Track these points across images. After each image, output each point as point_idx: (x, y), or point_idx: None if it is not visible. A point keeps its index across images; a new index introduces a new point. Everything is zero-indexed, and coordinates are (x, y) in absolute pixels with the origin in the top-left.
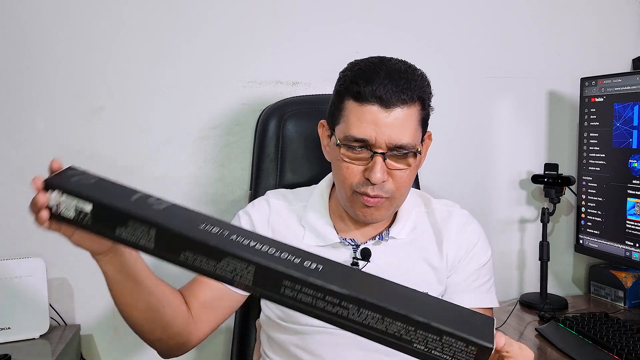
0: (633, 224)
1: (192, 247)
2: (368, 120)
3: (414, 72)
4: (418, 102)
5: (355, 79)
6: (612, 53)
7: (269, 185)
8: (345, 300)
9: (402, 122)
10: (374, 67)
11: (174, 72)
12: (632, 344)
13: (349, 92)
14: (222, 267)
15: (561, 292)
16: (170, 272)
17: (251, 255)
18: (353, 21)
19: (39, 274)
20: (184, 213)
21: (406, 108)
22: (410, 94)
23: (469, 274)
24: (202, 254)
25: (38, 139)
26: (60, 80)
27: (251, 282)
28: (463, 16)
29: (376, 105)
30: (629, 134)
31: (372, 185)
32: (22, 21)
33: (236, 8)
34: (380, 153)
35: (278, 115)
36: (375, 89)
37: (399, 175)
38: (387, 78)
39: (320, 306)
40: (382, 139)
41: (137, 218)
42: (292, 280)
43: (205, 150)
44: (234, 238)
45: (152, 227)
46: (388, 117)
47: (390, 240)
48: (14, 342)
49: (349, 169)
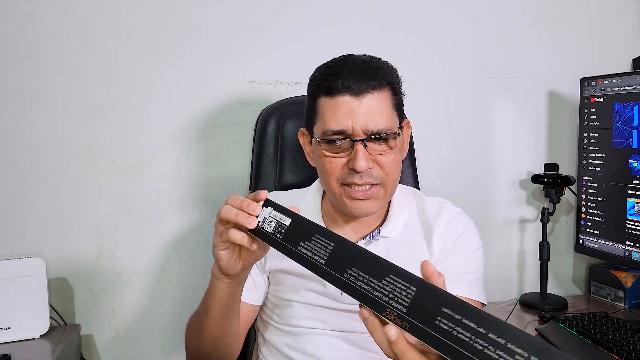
0: (633, 224)
1: (360, 262)
2: (343, 111)
3: (379, 61)
4: (388, 87)
5: (324, 76)
6: (612, 53)
7: (268, 186)
8: (509, 350)
9: (376, 108)
10: (341, 62)
11: (174, 72)
12: (632, 344)
13: (320, 90)
14: (382, 288)
15: (561, 292)
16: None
17: (414, 275)
18: (353, 21)
19: (39, 274)
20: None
21: (377, 93)
22: (378, 79)
23: (454, 263)
24: (367, 271)
25: (38, 139)
26: (60, 80)
27: (406, 307)
28: (463, 16)
29: (347, 95)
30: (629, 134)
31: (359, 174)
32: (22, 21)
33: (236, 8)
34: (360, 140)
35: (278, 115)
36: (344, 80)
37: (384, 161)
38: (354, 69)
39: (479, 347)
40: (359, 126)
41: (324, 233)
42: (454, 310)
43: (205, 150)
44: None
45: (332, 242)
46: (361, 104)
47: (382, 240)
48: (14, 342)
49: (332, 163)
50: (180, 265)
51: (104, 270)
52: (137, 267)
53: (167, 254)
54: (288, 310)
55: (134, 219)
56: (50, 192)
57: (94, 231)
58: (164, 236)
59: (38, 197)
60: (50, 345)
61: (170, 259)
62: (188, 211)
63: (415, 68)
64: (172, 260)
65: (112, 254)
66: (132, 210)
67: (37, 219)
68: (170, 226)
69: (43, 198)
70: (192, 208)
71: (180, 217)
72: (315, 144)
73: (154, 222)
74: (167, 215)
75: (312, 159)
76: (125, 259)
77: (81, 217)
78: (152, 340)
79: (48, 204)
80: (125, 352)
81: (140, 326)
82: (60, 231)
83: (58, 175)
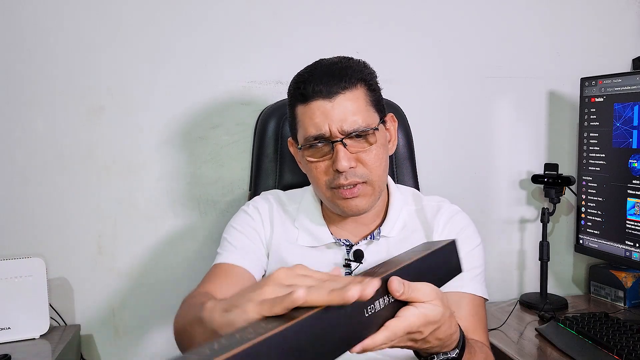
0: (633, 224)
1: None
2: (317, 115)
3: (349, 60)
4: (360, 84)
5: (296, 85)
6: (612, 53)
7: (268, 186)
8: None
9: (349, 107)
10: (311, 69)
11: (174, 72)
12: (632, 344)
13: (295, 99)
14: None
15: (561, 292)
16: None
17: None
18: (353, 21)
19: (39, 274)
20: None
21: (348, 92)
22: (348, 79)
23: None
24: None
25: (38, 139)
26: (60, 80)
27: None
28: (463, 16)
29: (320, 99)
30: (629, 134)
31: (343, 174)
32: (22, 21)
33: (236, 8)
34: (339, 141)
35: (278, 116)
36: (314, 85)
37: (366, 158)
38: (323, 72)
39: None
40: (335, 127)
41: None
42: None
43: (205, 150)
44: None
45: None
46: (333, 106)
47: (382, 239)
48: (14, 342)
49: (317, 168)
50: (180, 265)
51: (104, 270)
52: (137, 267)
53: (167, 253)
54: None
55: (133, 219)
56: (50, 192)
57: (94, 231)
58: (163, 236)
59: (38, 197)
60: (50, 345)
61: (170, 259)
62: (188, 211)
63: (415, 68)
64: (172, 260)
65: (112, 254)
66: (132, 211)
67: (37, 219)
68: (170, 226)
69: (43, 198)
70: (192, 208)
71: (180, 217)
72: (300, 151)
73: (153, 222)
74: (167, 215)
75: (302, 167)
76: (125, 259)
77: (81, 217)
78: (152, 340)
79: (48, 204)
80: (125, 352)
81: (140, 326)
82: (60, 231)
83: (58, 175)
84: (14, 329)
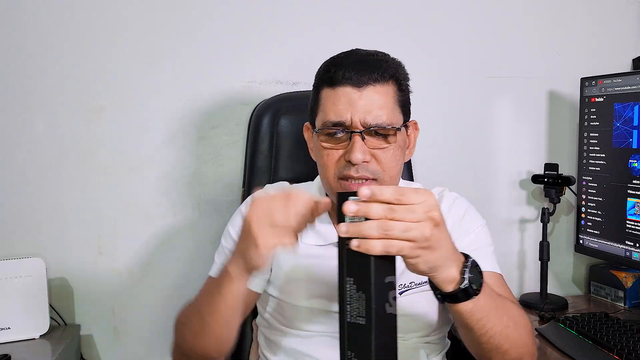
0: (633, 224)
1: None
2: (342, 101)
3: (386, 55)
4: (392, 81)
5: (327, 67)
6: (612, 53)
7: (262, 184)
8: None
9: (376, 101)
10: (345, 55)
11: (174, 72)
12: (632, 344)
13: (323, 82)
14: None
15: (561, 292)
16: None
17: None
18: (353, 21)
19: (39, 274)
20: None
21: (379, 86)
22: (381, 72)
23: (469, 242)
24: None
25: (38, 139)
26: (60, 80)
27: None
28: (463, 16)
29: (348, 86)
30: (629, 134)
31: (355, 167)
32: (22, 21)
33: (236, 8)
34: (358, 132)
35: (272, 111)
36: (345, 71)
37: (382, 156)
38: (357, 61)
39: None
40: (357, 118)
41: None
42: None
43: (205, 150)
44: None
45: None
46: (361, 96)
47: None
48: (14, 342)
49: (329, 155)
50: (180, 265)
51: (104, 270)
52: (137, 267)
53: (167, 253)
54: (296, 314)
55: (133, 219)
56: (50, 192)
57: (93, 231)
58: (164, 236)
59: (38, 197)
60: (50, 345)
61: (170, 259)
62: (188, 211)
63: (415, 68)
64: (172, 260)
65: (112, 254)
66: (132, 210)
67: (37, 219)
68: (170, 226)
69: (43, 198)
70: (192, 208)
71: (180, 217)
72: (315, 135)
73: (153, 222)
74: (167, 215)
75: (314, 154)
76: (125, 259)
77: (81, 217)
78: (152, 340)
79: (48, 204)
80: (125, 352)
81: (140, 326)
82: (60, 231)
83: (58, 175)
84: (14, 329)
